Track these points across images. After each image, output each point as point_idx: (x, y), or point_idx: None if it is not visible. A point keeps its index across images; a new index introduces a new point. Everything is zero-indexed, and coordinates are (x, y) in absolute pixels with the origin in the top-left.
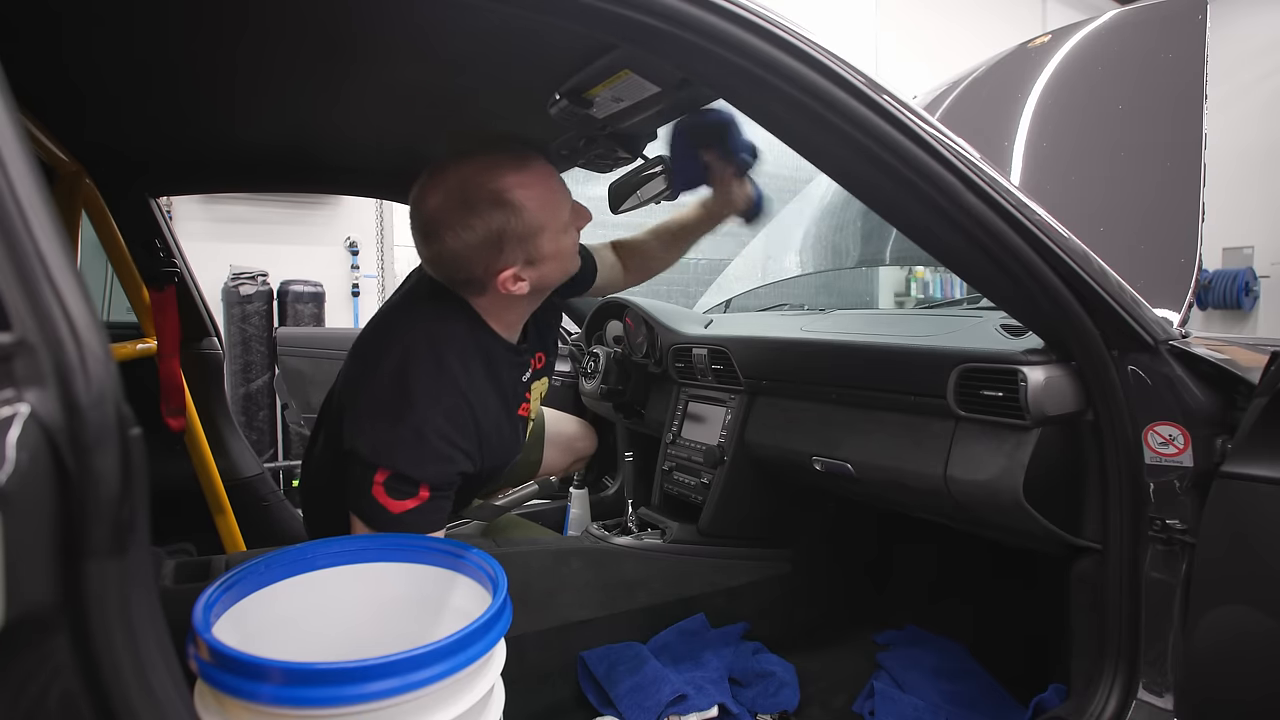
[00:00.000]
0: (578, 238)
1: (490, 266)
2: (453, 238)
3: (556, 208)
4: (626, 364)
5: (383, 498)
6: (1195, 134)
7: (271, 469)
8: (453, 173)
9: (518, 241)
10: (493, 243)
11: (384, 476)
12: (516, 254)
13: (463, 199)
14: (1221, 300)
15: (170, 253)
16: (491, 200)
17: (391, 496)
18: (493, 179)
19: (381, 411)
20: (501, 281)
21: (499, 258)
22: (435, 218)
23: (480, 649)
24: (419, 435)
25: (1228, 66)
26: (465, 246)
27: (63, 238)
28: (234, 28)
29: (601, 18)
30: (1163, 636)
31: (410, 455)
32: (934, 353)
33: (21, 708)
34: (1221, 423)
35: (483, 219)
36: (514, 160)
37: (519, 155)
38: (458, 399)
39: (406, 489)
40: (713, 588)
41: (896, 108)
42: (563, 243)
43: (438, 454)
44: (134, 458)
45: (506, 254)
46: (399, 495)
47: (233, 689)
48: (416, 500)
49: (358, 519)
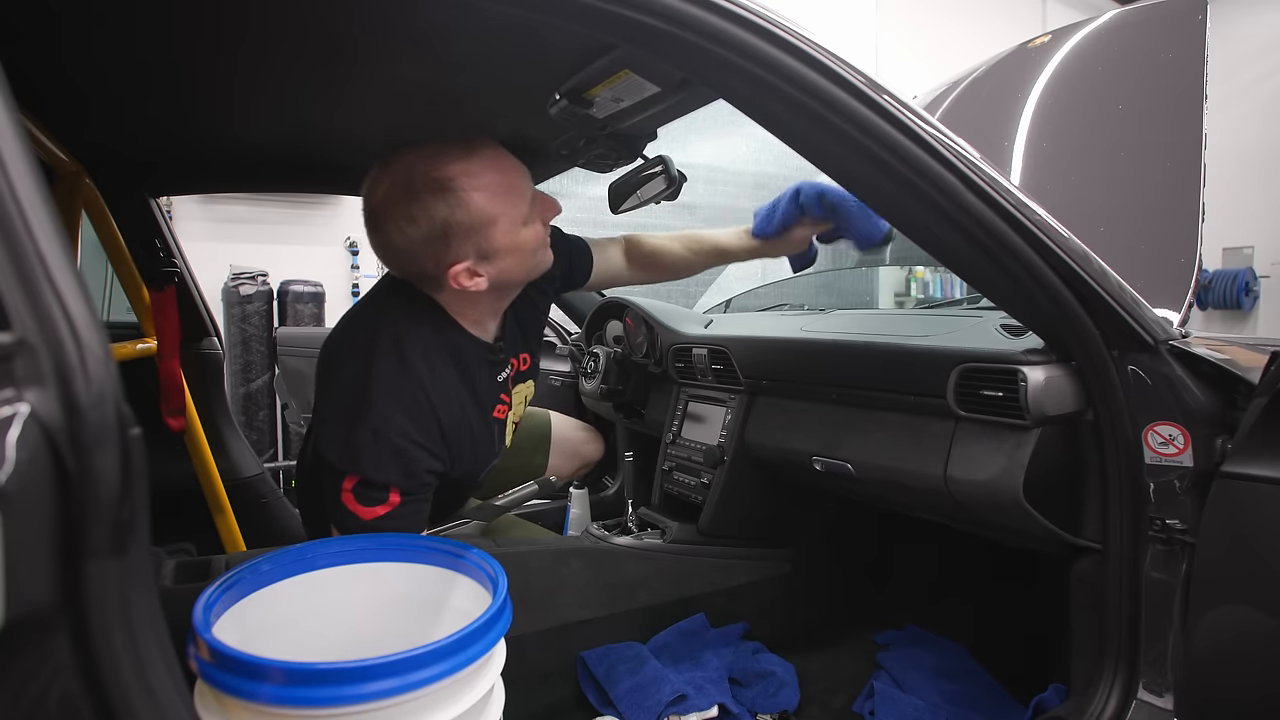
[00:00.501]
0: (544, 232)
1: (440, 260)
2: (396, 230)
3: (510, 197)
4: (626, 364)
5: (353, 505)
6: (1195, 134)
7: (271, 469)
8: (399, 161)
9: (466, 234)
10: (438, 235)
11: (352, 483)
12: (466, 247)
13: (406, 188)
14: (1221, 300)
15: (170, 253)
16: (434, 189)
17: (361, 503)
18: (436, 166)
19: (344, 416)
20: (454, 276)
21: (447, 251)
22: (379, 208)
23: (480, 649)
24: (378, 435)
25: (1228, 66)
26: (409, 240)
27: (63, 238)
28: (234, 28)
29: (601, 18)
30: (1163, 636)
31: (372, 458)
32: (934, 353)
33: (21, 708)
34: (1221, 423)
35: (425, 209)
36: (460, 146)
37: (466, 141)
38: (418, 395)
39: (375, 494)
40: (713, 588)
41: (896, 108)
42: (521, 236)
43: (399, 453)
44: (134, 458)
45: (455, 247)
46: (368, 501)
47: (233, 689)
48: (387, 506)
49: (334, 529)
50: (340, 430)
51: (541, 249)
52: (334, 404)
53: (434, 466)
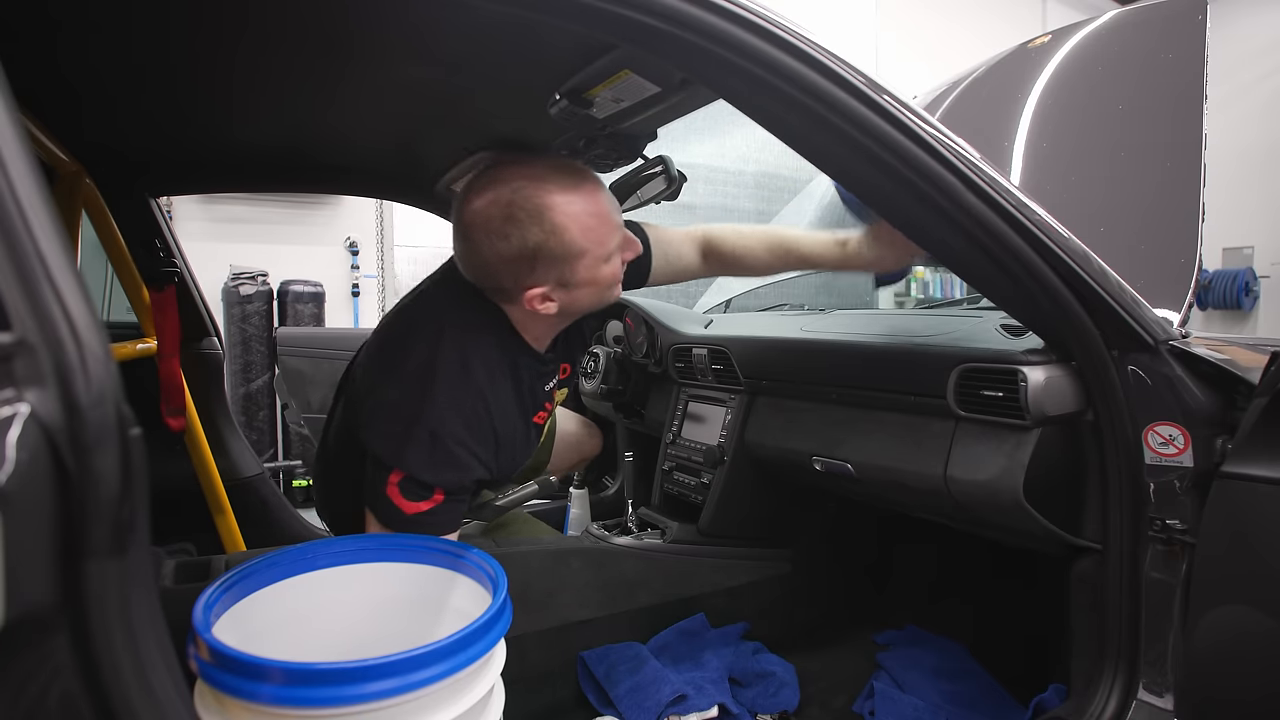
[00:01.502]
0: (621, 270)
1: (520, 281)
2: (487, 245)
3: (602, 235)
4: (626, 364)
5: (397, 498)
6: (1195, 134)
7: (271, 469)
8: (503, 177)
9: (552, 262)
10: (526, 258)
11: (399, 478)
12: (549, 274)
13: (506, 207)
14: (1221, 300)
15: (170, 253)
16: (533, 215)
17: (406, 497)
18: (539, 193)
19: (401, 413)
20: (529, 298)
21: (530, 274)
22: (474, 221)
23: (480, 649)
24: (435, 439)
25: (1228, 66)
26: (498, 256)
27: (63, 238)
28: (232, 28)
29: (601, 18)
30: (1163, 636)
31: (426, 460)
32: (934, 353)
33: (21, 708)
34: (1221, 423)
35: (520, 232)
36: (566, 177)
37: (573, 172)
38: (478, 406)
39: (421, 491)
40: (713, 588)
41: (896, 108)
42: (602, 272)
43: (454, 461)
44: (134, 458)
45: (539, 272)
46: (414, 497)
47: (233, 689)
48: (430, 502)
49: (372, 516)
50: (396, 426)
51: (615, 285)
52: (392, 397)
53: (481, 475)
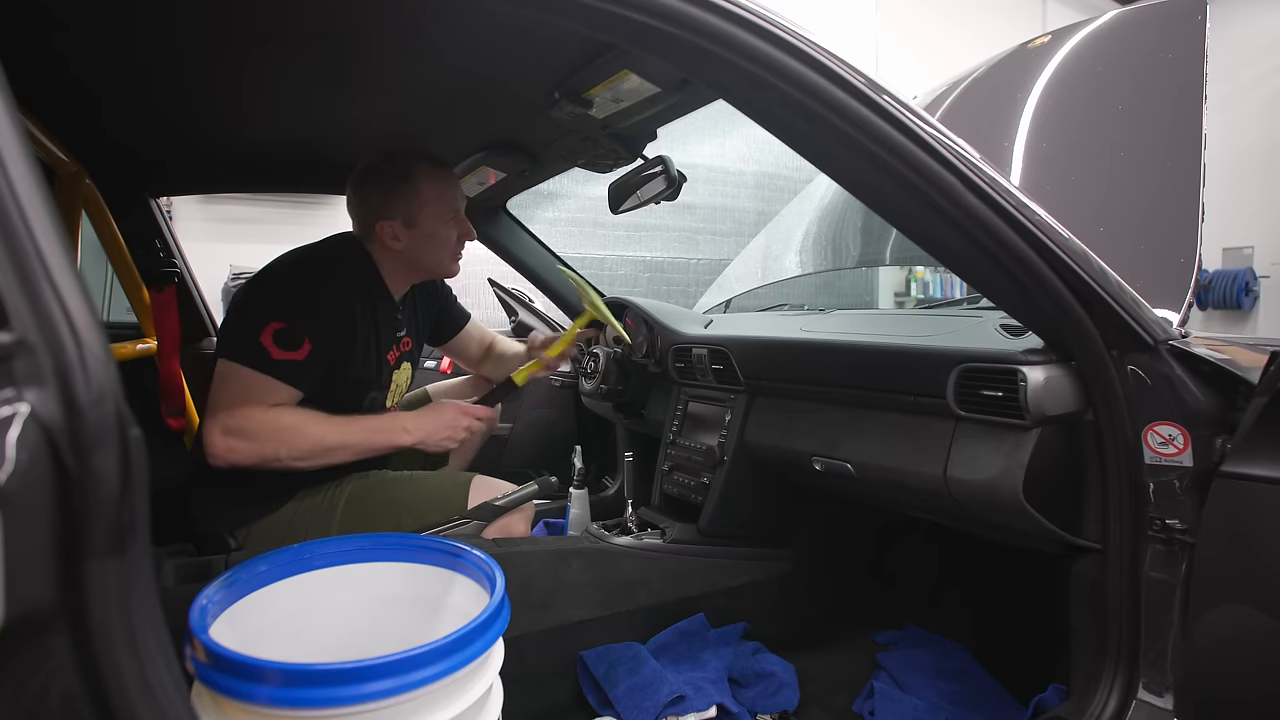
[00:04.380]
0: (458, 247)
1: (379, 210)
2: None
3: (447, 196)
4: (626, 364)
5: (269, 344)
6: (1195, 134)
7: None
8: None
9: (401, 199)
10: (384, 190)
11: (276, 327)
12: (398, 207)
13: (384, 156)
14: (1221, 300)
15: (170, 253)
16: (398, 164)
17: (279, 345)
18: (409, 156)
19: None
20: (380, 230)
21: (384, 206)
22: (363, 166)
23: (478, 648)
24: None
25: (1228, 66)
26: (367, 188)
27: (63, 238)
28: (234, 30)
29: (601, 18)
30: (1163, 636)
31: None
32: (934, 353)
33: (21, 707)
34: (1221, 423)
35: (389, 168)
36: (433, 159)
37: (441, 161)
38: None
39: (294, 340)
40: (713, 588)
41: (896, 108)
42: (441, 230)
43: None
44: (134, 458)
45: (391, 205)
46: (286, 346)
47: (230, 690)
48: (300, 353)
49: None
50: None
51: (454, 259)
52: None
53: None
